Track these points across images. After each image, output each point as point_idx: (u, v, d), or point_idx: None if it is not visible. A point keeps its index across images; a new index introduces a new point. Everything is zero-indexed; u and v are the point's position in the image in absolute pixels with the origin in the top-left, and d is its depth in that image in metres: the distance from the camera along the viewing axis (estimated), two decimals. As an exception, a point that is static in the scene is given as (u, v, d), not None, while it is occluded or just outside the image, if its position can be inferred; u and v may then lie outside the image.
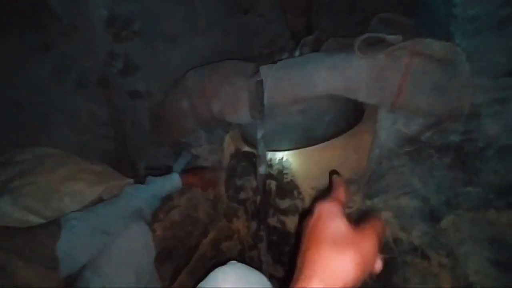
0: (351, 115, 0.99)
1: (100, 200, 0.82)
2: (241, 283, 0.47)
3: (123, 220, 0.66)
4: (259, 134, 0.88)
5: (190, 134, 1.10)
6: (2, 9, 0.94)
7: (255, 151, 1.04)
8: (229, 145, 1.16)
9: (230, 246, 1.17)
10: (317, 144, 0.96)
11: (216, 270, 0.50)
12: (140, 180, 0.91)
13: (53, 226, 0.60)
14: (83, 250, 0.61)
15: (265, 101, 0.88)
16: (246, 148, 1.09)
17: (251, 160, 1.08)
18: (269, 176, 1.00)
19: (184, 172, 0.92)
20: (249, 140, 1.07)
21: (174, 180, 0.89)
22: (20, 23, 0.98)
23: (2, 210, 0.61)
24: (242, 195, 1.12)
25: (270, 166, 1.01)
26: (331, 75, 0.81)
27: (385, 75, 0.71)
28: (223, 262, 0.53)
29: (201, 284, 0.49)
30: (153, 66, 1.15)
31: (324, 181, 0.96)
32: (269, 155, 0.98)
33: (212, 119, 1.01)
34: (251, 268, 0.52)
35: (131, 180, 0.88)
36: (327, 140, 0.96)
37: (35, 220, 0.62)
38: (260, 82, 0.87)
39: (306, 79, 0.84)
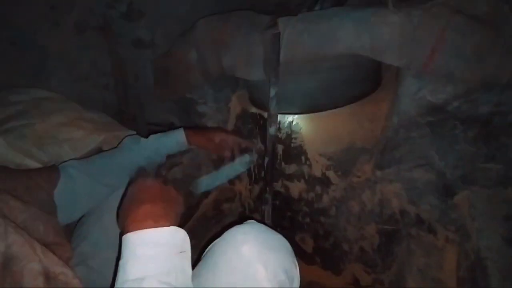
0: (369, 80, 0.92)
1: (99, 150, 0.78)
2: (262, 243, 0.44)
3: (123, 174, 0.62)
4: (272, 93, 0.82)
5: (195, 89, 1.03)
6: None
7: (262, 113, 0.99)
8: (236, 105, 1.10)
9: (231, 208, 1.16)
10: (329, 108, 0.91)
11: (234, 229, 0.46)
12: (141, 134, 0.87)
13: (51, 171, 0.56)
14: (82, 200, 0.58)
15: (281, 56, 0.81)
16: (253, 110, 1.03)
17: (257, 122, 1.03)
18: (276, 139, 0.96)
19: (190, 131, 0.85)
20: (257, 101, 1.02)
21: (178, 138, 0.83)
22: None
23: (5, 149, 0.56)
24: (244, 157, 1.08)
25: (279, 129, 0.96)
26: (357, 32, 0.73)
27: (419, 34, 0.64)
28: (238, 222, 0.49)
29: (219, 242, 0.46)
30: (159, 13, 1.06)
31: (333, 148, 0.92)
32: (278, 117, 0.93)
33: (221, 74, 0.94)
34: (270, 228, 0.48)
35: (133, 132, 0.83)
36: (341, 105, 0.90)
37: (31, 163, 0.58)
38: (277, 35, 0.80)
39: (328, 34, 0.76)
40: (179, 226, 0.43)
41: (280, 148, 0.98)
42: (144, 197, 0.44)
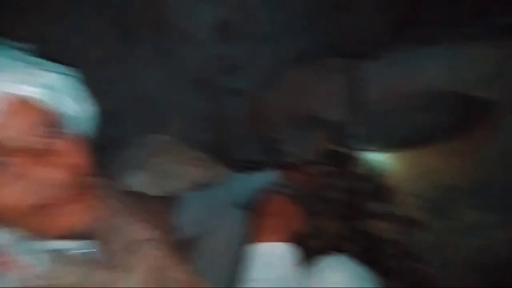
0: (459, 117, 0.87)
1: (201, 184, 0.92)
2: (355, 275, 0.47)
3: (227, 205, 0.73)
4: (355, 132, 0.85)
5: (283, 130, 1.13)
6: (133, 20, 1.14)
7: (346, 151, 1.02)
8: (318, 143, 1.16)
9: (314, 244, 1.16)
10: (418, 146, 0.88)
11: (327, 264, 0.51)
12: (236, 171, 0.99)
13: (171, 200, 0.71)
14: (194, 226, 0.70)
15: (365, 97, 0.85)
16: (337, 147, 1.07)
17: (341, 160, 1.05)
18: (362, 177, 0.96)
19: (283, 168, 0.92)
20: (342, 139, 1.05)
21: (270, 176, 0.91)
22: (148, 31, 1.17)
23: (142, 182, 0.75)
24: (329, 194, 1.10)
25: (365, 166, 0.97)
26: (446, 69, 0.73)
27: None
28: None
29: (312, 268, 0.51)
30: (252, 65, 1.24)
31: (425, 187, 0.87)
32: (364, 155, 0.94)
33: (306, 116, 1.02)
34: (361, 264, 0.51)
35: (231, 170, 0.95)
36: (430, 143, 0.87)
37: (157, 193, 0.74)
38: (360, 78, 0.85)
39: (412, 73, 0.78)
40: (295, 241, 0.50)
41: (366, 186, 0.97)
42: (269, 212, 0.52)
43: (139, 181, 0.76)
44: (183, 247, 0.60)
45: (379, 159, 0.94)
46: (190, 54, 1.19)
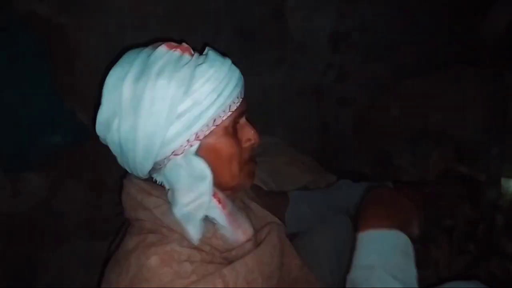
0: None
1: (305, 187, 0.94)
2: None
3: (334, 209, 0.74)
4: (494, 151, 0.73)
5: (394, 143, 1.06)
6: (253, 33, 1.25)
7: (476, 174, 0.88)
8: (438, 162, 1.03)
9: (424, 275, 1.04)
10: None
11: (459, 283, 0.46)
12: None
13: (283, 197, 0.75)
14: (301, 223, 0.73)
15: (508, 112, 0.73)
16: (462, 169, 0.93)
17: (466, 183, 0.92)
18: (496, 207, 0.82)
19: (400, 185, 0.87)
20: (469, 160, 0.92)
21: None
22: (264, 43, 1.27)
23: (257, 177, 0.82)
24: (448, 222, 0.96)
25: (500, 194, 0.82)
26: None
27: None
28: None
29: None
30: (363, 74, 1.20)
31: None
32: (502, 181, 0.80)
33: (423, 129, 0.93)
34: None
35: (334, 177, 0.95)
36: None
37: (270, 189, 0.79)
38: (504, 88, 0.73)
39: None
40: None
41: (499, 218, 0.82)
42: (378, 201, 0.51)
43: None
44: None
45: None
46: (304, 64, 1.23)
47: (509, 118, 0.72)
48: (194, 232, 0.47)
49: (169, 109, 0.45)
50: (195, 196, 0.47)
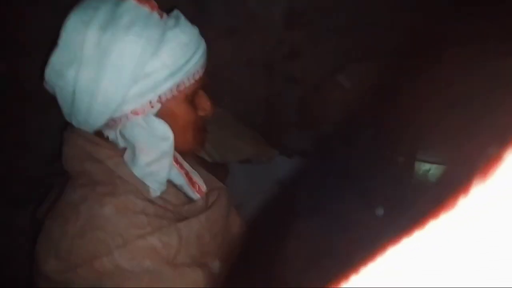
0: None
1: (247, 160, 0.96)
2: None
3: (272, 184, 0.78)
4: (408, 138, 0.83)
5: (333, 124, 1.13)
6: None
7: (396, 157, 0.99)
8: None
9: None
10: None
11: None
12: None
13: (223, 168, 0.77)
14: (238, 194, 0.75)
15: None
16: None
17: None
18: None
19: None
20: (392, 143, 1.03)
21: None
22: (218, 9, 1.22)
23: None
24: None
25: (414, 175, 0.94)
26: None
27: None
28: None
29: None
30: (313, 55, 1.24)
31: None
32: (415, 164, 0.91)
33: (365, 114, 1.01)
34: None
35: (276, 152, 0.99)
36: None
37: (214, 160, 0.80)
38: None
39: None
40: None
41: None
42: None
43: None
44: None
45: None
46: (256, 36, 1.22)
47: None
48: (156, 187, 0.49)
49: (136, 67, 0.44)
50: (157, 156, 0.48)
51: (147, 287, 0.45)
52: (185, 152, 0.56)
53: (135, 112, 0.47)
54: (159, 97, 0.47)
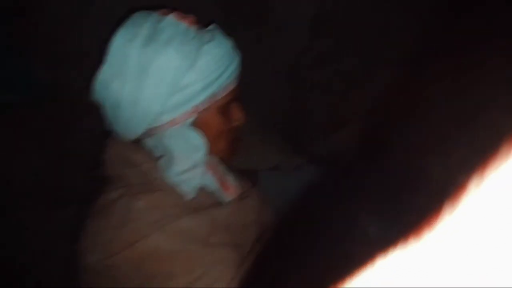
0: None
1: (275, 168, 0.97)
2: None
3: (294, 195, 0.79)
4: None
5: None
6: (234, 8, 1.21)
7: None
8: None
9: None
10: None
11: None
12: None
13: (253, 175, 0.78)
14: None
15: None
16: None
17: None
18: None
19: None
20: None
21: None
22: (244, 19, 1.24)
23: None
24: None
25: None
26: None
27: None
28: None
29: None
30: (339, 63, 1.23)
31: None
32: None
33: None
34: None
35: (303, 160, 0.99)
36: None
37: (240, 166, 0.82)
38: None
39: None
40: None
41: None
42: None
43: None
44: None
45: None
46: (282, 44, 1.23)
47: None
48: (188, 192, 0.52)
49: (173, 79, 0.47)
50: (190, 165, 0.51)
51: (181, 265, 0.47)
52: (220, 159, 0.59)
53: (172, 122, 0.50)
54: (195, 107, 0.50)
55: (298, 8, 1.20)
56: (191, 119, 0.51)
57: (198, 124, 0.52)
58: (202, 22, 0.58)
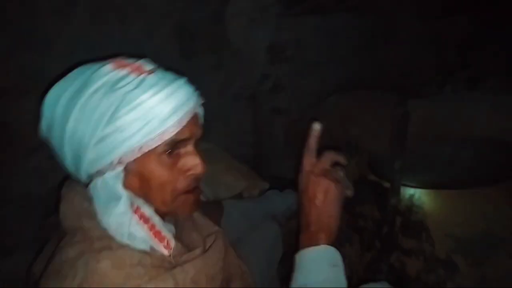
0: (504, 164, 0.87)
1: (239, 195, 0.97)
2: None
3: (265, 218, 0.78)
4: (397, 165, 0.87)
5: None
6: (192, 35, 1.24)
7: (383, 182, 1.03)
8: (355, 170, 1.18)
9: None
10: (457, 188, 0.88)
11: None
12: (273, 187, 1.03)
13: (218, 206, 0.77)
14: (234, 231, 0.75)
15: (409, 132, 0.88)
16: (373, 177, 1.08)
17: (375, 190, 1.06)
18: (396, 210, 0.97)
19: None
20: (378, 170, 1.07)
21: None
22: (202, 47, 1.26)
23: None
24: (360, 223, 1.11)
25: (399, 200, 0.98)
26: (494, 116, 0.75)
27: None
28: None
29: None
30: (296, 88, 1.29)
31: (462, 231, 0.87)
32: (402, 189, 0.95)
33: (346, 143, 1.05)
34: None
35: (267, 184, 1.00)
36: (472, 186, 0.87)
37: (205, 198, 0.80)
38: (407, 114, 0.88)
39: (461, 117, 0.80)
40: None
41: (399, 220, 0.98)
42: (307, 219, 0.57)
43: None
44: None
45: (416, 195, 0.94)
46: (241, 71, 1.26)
47: (408, 138, 0.87)
48: (137, 244, 0.49)
49: (92, 132, 0.46)
50: (114, 216, 0.48)
51: None
52: (166, 214, 0.54)
53: (100, 172, 0.48)
54: (119, 159, 0.47)
55: (254, 36, 1.25)
56: (118, 170, 0.47)
57: (133, 175, 0.49)
58: (160, 59, 0.56)
